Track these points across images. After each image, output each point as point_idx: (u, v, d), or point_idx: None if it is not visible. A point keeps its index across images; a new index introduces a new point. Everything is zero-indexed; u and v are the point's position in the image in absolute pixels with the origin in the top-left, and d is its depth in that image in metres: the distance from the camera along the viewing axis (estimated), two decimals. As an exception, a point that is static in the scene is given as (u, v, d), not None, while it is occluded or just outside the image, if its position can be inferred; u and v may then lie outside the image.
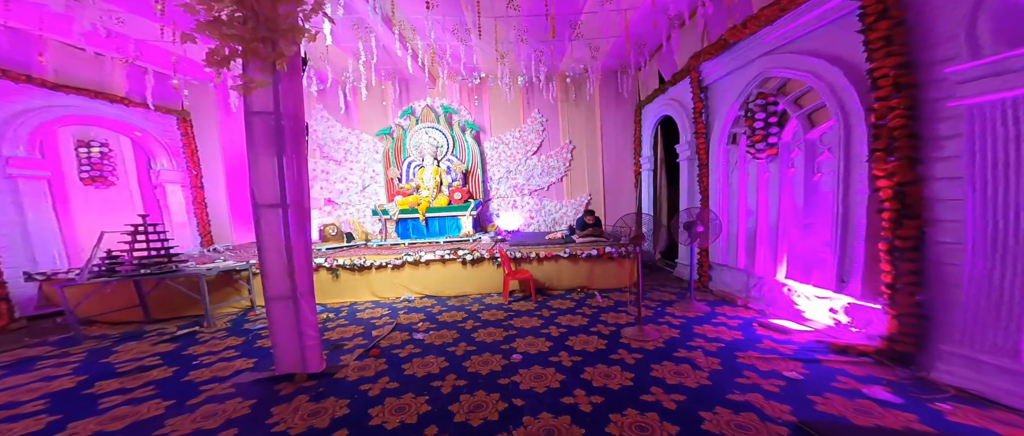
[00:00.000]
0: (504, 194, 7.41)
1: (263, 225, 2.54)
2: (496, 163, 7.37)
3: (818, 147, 3.59)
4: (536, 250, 5.02)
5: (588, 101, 7.07)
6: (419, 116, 7.17)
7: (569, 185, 7.26)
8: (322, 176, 7.30)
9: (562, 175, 7.22)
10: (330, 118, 7.30)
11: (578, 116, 7.15)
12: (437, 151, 6.93)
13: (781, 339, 3.21)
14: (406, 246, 5.90)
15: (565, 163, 7.19)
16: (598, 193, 7.22)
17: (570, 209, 7.19)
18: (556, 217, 7.25)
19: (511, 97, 7.03)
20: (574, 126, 7.18)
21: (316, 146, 7.33)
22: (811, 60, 3.32)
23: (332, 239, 5.89)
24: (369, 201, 7.49)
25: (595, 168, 7.21)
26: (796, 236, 3.82)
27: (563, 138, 7.19)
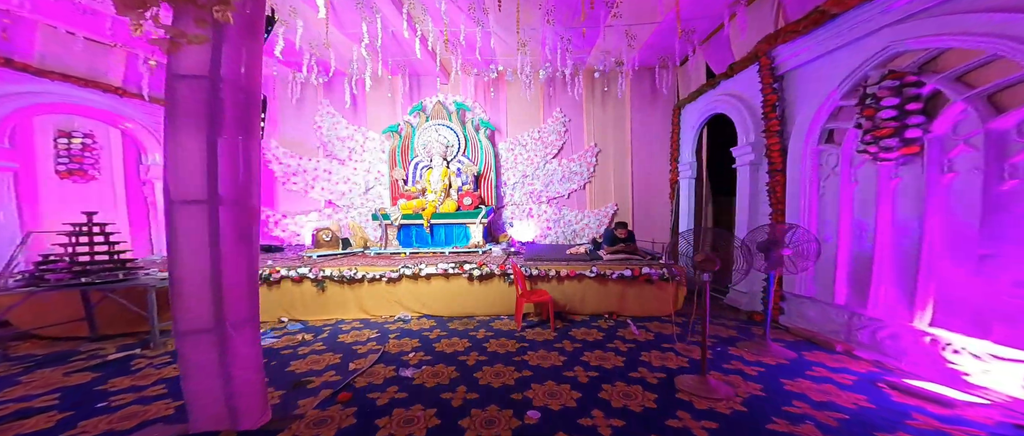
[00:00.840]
0: (519, 201, 6.66)
1: (178, 229, 1.85)
2: (511, 166, 6.65)
3: (1013, 142, 2.41)
4: (556, 267, 4.22)
5: (618, 99, 6.27)
6: (430, 113, 6.55)
7: (593, 193, 6.45)
8: (324, 176, 6.75)
9: (585, 182, 6.42)
10: (336, 114, 6.79)
11: (605, 116, 6.36)
12: (447, 151, 6.27)
13: (943, 415, 2.25)
14: (407, 256, 5.22)
15: (589, 168, 6.38)
16: (625, 203, 6.37)
17: (593, 220, 6.36)
18: (576, 229, 6.43)
19: (531, 93, 6.33)
20: (600, 127, 6.39)
21: (319, 144, 6.81)
22: (993, 18, 2.35)
23: (326, 245, 5.26)
24: (372, 204, 6.87)
25: (623, 175, 6.38)
26: (957, 269, 2.70)
27: (587, 141, 6.40)
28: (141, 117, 5.41)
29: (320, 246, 5.25)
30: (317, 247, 5.27)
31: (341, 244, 5.44)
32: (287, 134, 6.73)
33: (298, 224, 6.68)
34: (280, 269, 4.08)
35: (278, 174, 6.62)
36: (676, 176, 6.06)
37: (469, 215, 5.64)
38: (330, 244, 5.28)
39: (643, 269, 4.08)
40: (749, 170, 4.41)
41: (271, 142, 6.60)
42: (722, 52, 4.72)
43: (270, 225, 6.61)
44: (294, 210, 6.77)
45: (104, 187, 5.12)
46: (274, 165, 6.60)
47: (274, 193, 6.73)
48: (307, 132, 6.78)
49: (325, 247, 5.25)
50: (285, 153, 6.63)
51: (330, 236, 5.26)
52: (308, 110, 6.79)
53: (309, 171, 6.70)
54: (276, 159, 6.61)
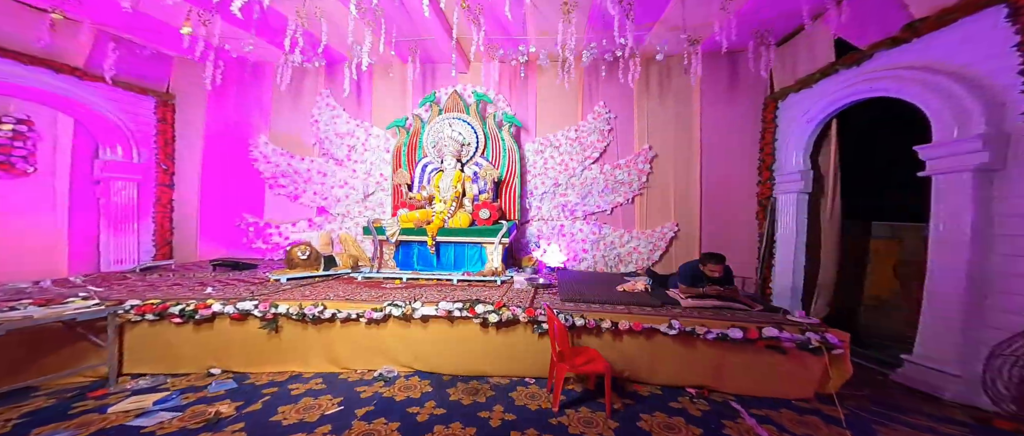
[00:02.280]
0: (548, 215, 5.36)
1: None
2: (540, 172, 5.39)
3: None
4: (611, 315, 2.86)
5: (683, 90, 4.90)
6: (444, 105, 5.43)
7: (645, 209, 5.06)
8: (317, 178, 5.70)
9: (635, 194, 5.05)
10: (336, 107, 5.78)
11: (664, 112, 5.01)
12: (462, 151, 5.08)
13: None
14: (402, 283, 3.98)
15: (640, 178, 5.03)
16: (690, 222, 4.92)
17: (645, 243, 4.95)
18: (621, 253, 5.03)
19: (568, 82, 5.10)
20: (657, 126, 5.03)
21: (315, 140, 5.79)
22: None
23: (301, 265, 4.10)
24: (373, 214, 5.75)
25: (688, 187, 4.94)
26: None
27: (639, 143, 5.07)
28: (107, 105, 4.53)
29: (293, 266, 4.10)
30: (290, 267, 4.11)
31: (322, 264, 4.27)
32: (279, 128, 5.76)
33: (284, 233, 5.60)
34: (213, 303, 2.90)
35: (266, 175, 5.62)
36: (768, 189, 4.54)
37: (486, 232, 4.38)
38: (307, 263, 4.12)
39: (765, 330, 2.62)
40: (972, 180, 2.75)
41: (259, 138, 5.63)
42: (877, 14, 3.28)
43: (250, 234, 5.57)
44: (282, 217, 5.73)
45: (40, 186, 4.19)
46: (261, 164, 5.61)
47: (261, 197, 5.72)
48: (303, 126, 5.79)
49: (300, 267, 4.10)
50: (275, 150, 5.64)
51: (308, 253, 4.11)
52: (306, 102, 5.82)
53: (301, 172, 5.67)
54: (264, 157, 5.62)
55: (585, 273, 4.81)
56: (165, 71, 5.19)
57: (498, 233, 4.28)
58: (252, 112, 5.68)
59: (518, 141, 5.31)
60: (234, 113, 5.63)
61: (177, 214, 5.18)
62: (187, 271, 4.37)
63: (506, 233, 4.28)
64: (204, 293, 3.17)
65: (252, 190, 5.65)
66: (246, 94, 5.68)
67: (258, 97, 5.71)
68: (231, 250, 5.53)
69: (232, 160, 5.58)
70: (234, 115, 5.62)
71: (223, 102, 5.56)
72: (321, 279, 4.08)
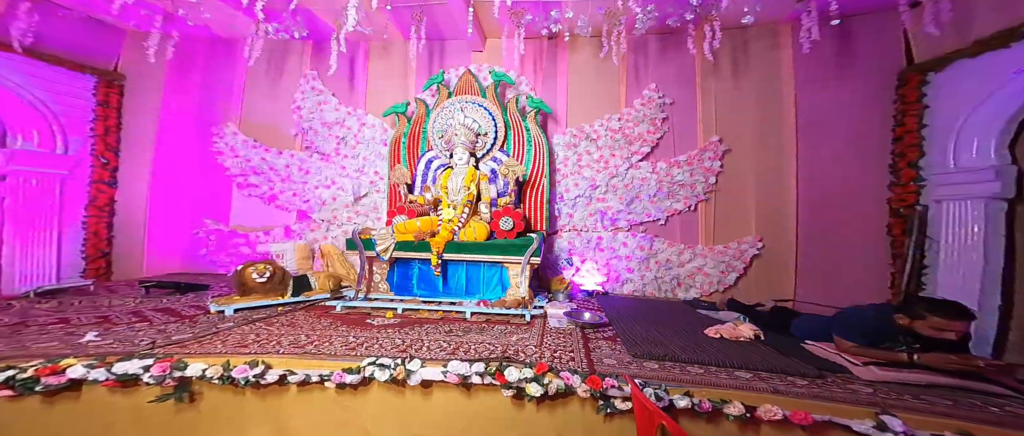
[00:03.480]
0: (582, 225, 4.29)
1: None
2: (572, 171, 4.33)
3: None
4: (740, 394, 1.75)
5: (767, 69, 3.76)
6: (455, 87, 4.41)
7: (713, 218, 3.94)
8: (298, 176, 4.67)
9: (699, 199, 3.95)
10: (324, 91, 4.77)
11: (740, 96, 3.87)
12: (477, 142, 4.03)
13: None
14: (397, 316, 2.90)
15: (708, 179, 3.90)
16: (779, 236, 3.70)
17: (714, 263, 3.81)
18: (680, 275, 3.90)
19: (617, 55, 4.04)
20: (730, 113, 3.89)
21: (297, 130, 4.78)
22: None
23: (257, 290, 3.02)
24: (367, 220, 4.70)
25: (777, 190, 3.72)
26: None
27: (705, 134, 3.96)
28: (25, 83, 3.54)
29: (247, 292, 3.01)
30: (241, 293, 3.03)
31: (289, 287, 3.19)
32: (253, 116, 4.74)
33: (255, 243, 4.53)
34: (71, 364, 1.79)
35: (233, 171, 4.58)
36: (912, 194, 3.16)
37: (509, 249, 3.29)
38: (266, 288, 3.04)
39: None
40: None
41: (225, 127, 4.60)
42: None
43: (211, 245, 4.51)
44: (252, 223, 4.68)
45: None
46: (227, 158, 4.57)
47: (227, 198, 4.68)
48: (282, 114, 4.78)
49: (256, 293, 3.01)
50: (246, 142, 4.61)
51: (268, 274, 3.03)
52: (287, 85, 4.82)
53: (277, 169, 4.63)
54: (231, 150, 4.59)
55: (638, 302, 3.70)
56: (113, 46, 4.21)
57: (526, 250, 3.19)
58: (219, 96, 4.67)
59: (545, 131, 4.26)
60: (199, 98, 4.62)
61: (119, 219, 4.14)
62: (108, 294, 3.31)
63: (537, 251, 3.19)
64: (79, 341, 2.08)
65: (216, 190, 4.61)
66: (214, 75, 4.68)
67: (228, 79, 4.71)
68: (187, 264, 4.48)
69: (194, 154, 4.56)
70: (199, 100, 4.62)
71: (186, 85, 4.56)
72: (286, 309, 3.00)
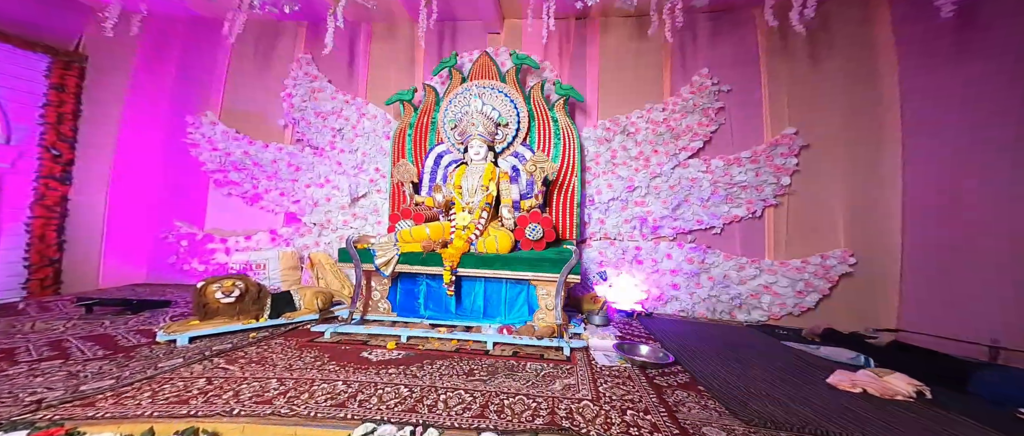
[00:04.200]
0: (615, 233, 3.66)
1: None
2: (605, 169, 3.71)
3: None
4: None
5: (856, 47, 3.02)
6: (469, 71, 3.80)
7: (785, 226, 3.25)
8: (287, 172, 4.04)
9: (768, 203, 3.27)
10: (319, 77, 4.17)
11: (821, 80, 3.15)
12: (495, 134, 3.40)
13: None
14: (400, 346, 2.26)
15: (779, 179, 3.22)
16: (878, 250, 2.88)
17: (786, 281, 3.11)
18: (742, 293, 3.23)
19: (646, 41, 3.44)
20: (808, 101, 3.18)
21: (287, 121, 4.16)
22: None
23: (223, 313, 2.39)
24: (365, 225, 4.08)
25: (875, 194, 2.94)
26: None
27: (773, 126, 3.28)
28: None
29: (209, 315, 2.38)
30: (201, 317, 2.39)
31: (266, 308, 2.56)
32: (236, 104, 4.13)
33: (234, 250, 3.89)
34: None
35: (210, 167, 3.95)
36: None
37: (538, 263, 2.64)
38: (234, 309, 2.40)
39: None
40: None
41: (202, 116, 3.98)
42: None
43: (182, 251, 3.87)
44: (232, 227, 4.05)
45: None
46: (204, 151, 3.94)
47: (203, 197, 4.06)
48: (270, 102, 4.16)
49: (222, 316, 2.38)
50: (226, 133, 3.98)
51: (236, 292, 2.39)
52: (277, 70, 4.22)
53: (263, 164, 4.01)
54: (208, 142, 3.96)
55: (692, 326, 3.04)
56: (74, 24, 3.61)
57: (562, 265, 2.55)
58: (198, 82, 4.05)
59: (574, 121, 3.64)
60: (174, 83, 4.00)
61: (72, 221, 3.51)
62: (39, 314, 2.67)
63: (576, 266, 2.55)
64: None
65: (189, 188, 3.98)
66: (193, 58, 4.07)
67: (208, 62, 4.09)
68: (154, 273, 3.85)
69: (164, 146, 3.93)
70: (174, 86, 4.00)
71: (159, 68, 3.95)
72: (261, 335, 2.36)
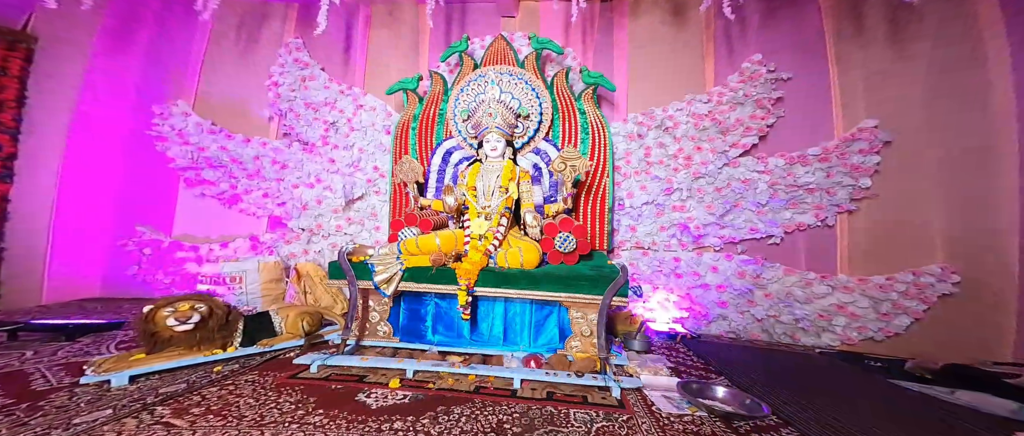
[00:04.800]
0: (648, 241, 3.19)
1: None
2: (637, 169, 3.25)
3: None
4: None
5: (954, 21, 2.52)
6: (482, 58, 3.34)
7: (862, 236, 2.73)
8: (272, 171, 3.52)
9: (842, 208, 2.75)
10: (311, 64, 3.69)
11: (905, 66, 2.64)
12: (515, 127, 2.90)
13: None
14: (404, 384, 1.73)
15: (858, 180, 2.70)
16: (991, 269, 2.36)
17: (867, 301, 2.57)
18: (808, 314, 2.68)
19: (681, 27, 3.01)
20: (889, 90, 2.67)
21: (272, 113, 3.66)
22: None
23: (178, 343, 1.85)
24: (359, 230, 3.58)
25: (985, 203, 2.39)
26: None
27: (846, 119, 2.77)
28: None
29: (161, 344, 1.84)
30: (149, 348, 1.85)
31: (236, 335, 2.04)
32: (213, 93, 3.61)
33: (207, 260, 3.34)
34: None
35: (180, 163, 3.41)
36: None
37: (578, 282, 2.13)
38: (193, 337, 1.87)
39: None
40: None
41: (172, 105, 3.44)
42: None
43: (144, 260, 3.31)
44: (205, 233, 3.51)
45: None
46: (173, 146, 3.40)
47: (172, 198, 3.51)
48: (253, 91, 3.66)
49: (178, 347, 1.84)
50: (199, 125, 3.45)
51: (196, 317, 1.86)
52: (262, 55, 3.72)
53: (242, 161, 3.48)
54: (178, 135, 3.42)
55: (753, 353, 2.54)
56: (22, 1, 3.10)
57: (605, 284, 2.04)
58: (170, 67, 3.52)
59: (602, 113, 3.17)
60: (141, 68, 3.46)
61: (12, 226, 2.94)
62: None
63: (625, 287, 2.04)
64: None
65: (155, 188, 3.43)
66: (165, 40, 3.55)
67: (183, 45, 3.58)
68: (110, 286, 3.29)
69: (126, 139, 3.39)
70: (141, 71, 3.46)
71: (124, 50, 3.42)
72: (228, 369, 1.83)
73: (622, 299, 2.07)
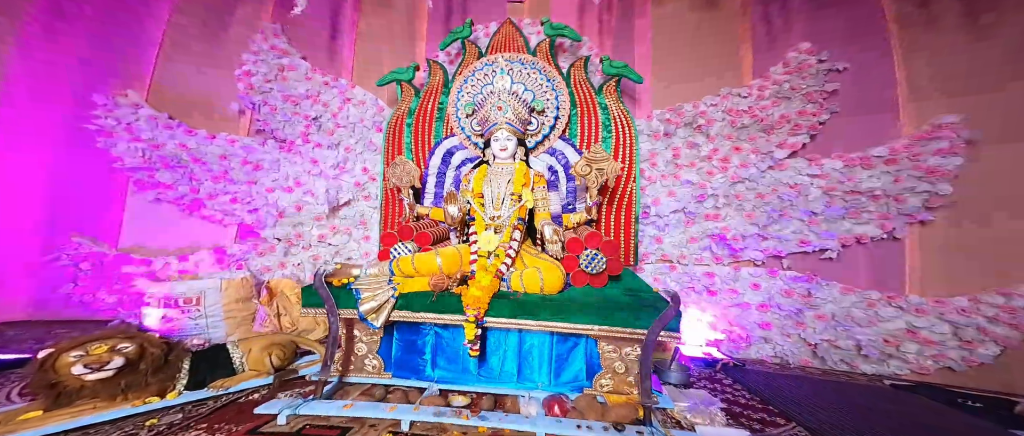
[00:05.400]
0: (676, 253, 2.81)
1: None
2: (664, 172, 2.86)
3: None
4: None
5: None
6: (487, 45, 2.92)
7: (938, 249, 2.32)
8: (242, 172, 3.03)
9: (913, 218, 2.33)
10: (291, 52, 3.21)
11: (991, 56, 2.22)
12: (528, 124, 2.47)
13: None
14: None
15: (936, 186, 2.26)
16: None
17: (950, 329, 2.16)
18: (871, 338, 2.26)
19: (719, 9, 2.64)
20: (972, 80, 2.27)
21: (243, 106, 3.17)
22: None
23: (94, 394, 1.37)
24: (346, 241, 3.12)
25: None
26: None
27: (919, 115, 2.35)
28: None
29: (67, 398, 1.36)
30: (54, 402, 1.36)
31: (179, 378, 1.56)
32: (170, 80, 3.09)
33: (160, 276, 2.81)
34: None
35: (128, 163, 2.87)
36: None
37: (607, 310, 1.70)
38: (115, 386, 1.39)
39: None
40: None
41: (119, 96, 2.90)
42: None
43: (81, 277, 2.76)
44: (162, 243, 2.99)
45: None
46: (120, 143, 2.85)
47: (118, 204, 2.98)
48: (218, 80, 3.16)
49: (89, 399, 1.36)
50: (153, 120, 2.93)
51: (121, 360, 1.38)
52: (233, 37, 3.23)
53: (207, 161, 2.97)
54: (125, 129, 2.87)
55: (812, 384, 2.14)
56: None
57: (649, 315, 1.62)
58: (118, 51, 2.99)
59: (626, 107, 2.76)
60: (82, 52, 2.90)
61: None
62: None
63: (674, 320, 1.62)
64: None
65: (97, 192, 2.90)
66: (114, 20, 3.01)
67: (135, 28, 3.05)
68: (39, 307, 2.74)
69: (62, 136, 2.85)
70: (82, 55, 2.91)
71: (61, 31, 2.88)
72: (161, 425, 1.36)
73: (673, 335, 1.66)
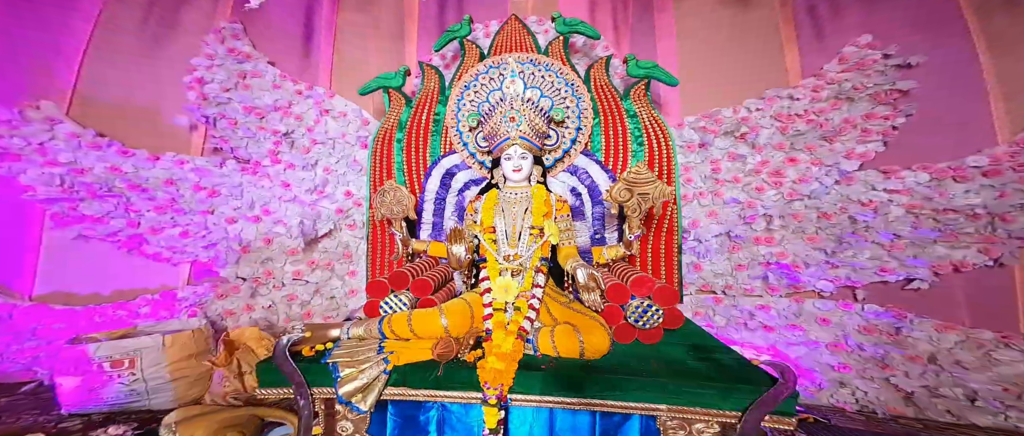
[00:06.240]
0: (721, 283, 2.36)
1: None
2: (702, 190, 2.43)
3: None
4: None
5: None
6: (489, 46, 2.46)
7: None
8: (195, 201, 2.47)
9: None
10: (255, 55, 2.70)
11: None
12: (546, 138, 1.99)
13: None
14: None
15: None
16: None
17: None
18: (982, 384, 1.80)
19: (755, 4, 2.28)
20: None
21: (195, 118, 2.63)
22: None
23: None
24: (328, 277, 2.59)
25: None
26: None
27: (1013, 121, 1.94)
28: None
29: None
30: None
31: None
32: (100, 89, 2.52)
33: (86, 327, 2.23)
34: None
35: (44, 192, 2.29)
36: None
37: (695, 390, 1.22)
38: None
39: None
40: None
41: (30, 109, 2.31)
42: None
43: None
44: (92, 288, 2.41)
45: None
46: (31, 167, 2.26)
47: (33, 244, 2.39)
48: (163, 89, 2.62)
49: None
50: (74, 136, 2.35)
51: None
52: (181, 40, 2.70)
53: (148, 187, 2.42)
54: (37, 150, 2.28)
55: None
56: None
57: (744, 389, 1.15)
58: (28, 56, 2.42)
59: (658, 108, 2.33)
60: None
61: None
62: None
63: (789, 400, 1.16)
64: None
65: (2, 229, 2.31)
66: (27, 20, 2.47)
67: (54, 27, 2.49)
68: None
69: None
70: None
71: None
72: None
73: (784, 420, 1.18)
